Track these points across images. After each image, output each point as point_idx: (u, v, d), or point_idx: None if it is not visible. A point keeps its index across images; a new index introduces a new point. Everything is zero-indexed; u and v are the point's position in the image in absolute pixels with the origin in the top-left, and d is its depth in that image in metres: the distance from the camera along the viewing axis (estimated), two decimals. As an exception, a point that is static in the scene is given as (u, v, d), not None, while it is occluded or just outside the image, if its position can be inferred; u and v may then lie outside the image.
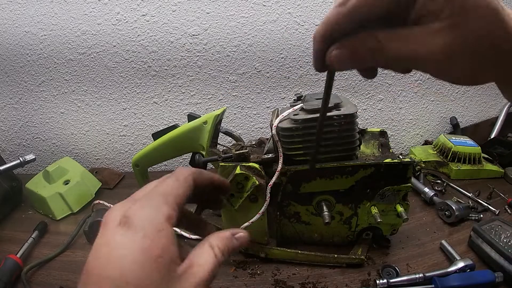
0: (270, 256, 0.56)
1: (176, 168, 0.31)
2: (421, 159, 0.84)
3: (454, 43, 0.22)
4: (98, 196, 0.79)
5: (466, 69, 0.23)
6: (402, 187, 0.51)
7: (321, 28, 0.25)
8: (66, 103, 0.88)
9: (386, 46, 0.23)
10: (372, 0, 0.22)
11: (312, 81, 0.88)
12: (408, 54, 0.23)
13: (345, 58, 0.24)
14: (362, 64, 0.26)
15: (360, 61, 0.25)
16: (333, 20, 0.24)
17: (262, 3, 0.80)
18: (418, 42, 0.23)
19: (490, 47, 0.22)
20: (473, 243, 0.56)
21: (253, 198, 0.51)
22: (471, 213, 0.65)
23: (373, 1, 0.22)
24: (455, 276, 0.48)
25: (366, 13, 0.23)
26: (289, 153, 0.50)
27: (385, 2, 0.22)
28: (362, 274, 0.53)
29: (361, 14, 0.23)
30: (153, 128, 0.90)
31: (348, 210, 0.54)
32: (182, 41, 0.82)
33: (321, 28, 0.24)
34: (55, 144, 0.94)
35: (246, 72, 0.86)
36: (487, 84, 0.37)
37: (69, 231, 0.65)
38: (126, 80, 0.86)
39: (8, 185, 0.73)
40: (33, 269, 0.56)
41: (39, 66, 0.84)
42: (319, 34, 0.25)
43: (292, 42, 0.84)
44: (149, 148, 0.64)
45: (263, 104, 0.90)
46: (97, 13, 0.79)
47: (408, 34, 0.23)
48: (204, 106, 0.89)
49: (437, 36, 0.22)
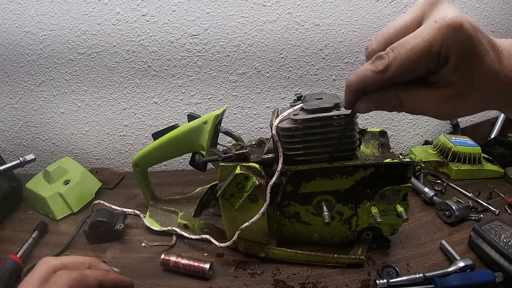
0: (270, 256, 0.56)
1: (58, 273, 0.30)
2: (421, 159, 0.84)
3: (458, 108, 0.29)
4: (98, 196, 0.79)
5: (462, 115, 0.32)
6: (402, 187, 0.51)
7: (355, 82, 0.30)
8: (66, 103, 0.88)
9: (405, 103, 0.30)
10: (406, 74, 0.28)
11: (312, 81, 0.88)
12: (420, 110, 0.30)
13: (371, 108, 0.31)
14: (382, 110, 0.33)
15: (381, 110, 0.32)
16: (368, 82, 0.29)
17: (262, 3, 0.80)
18: (430, 103, 0.29)
19: (488, 106, 0.30)
20: (473, 243, 0.56)
21: (253, 198, 0.51)
22: (471, 213, 0.65)
23: (407, 74, 0.28)
24: (455, 276, 0.48)
25: (398, 81, 0.29)
26: (289, 153, 0.50)
27: (416, 73, 0.28)
28: (362, 274, 0.53)
29: (394, 81, 0.29)
30: (153, 128, 0.90)
31: (348, 210, 0.54)
32: (182, 41, 0.82)
33: (356, 82, 0.30)
34: (55, 144, 0.94)
35: (246, 72, 0.86)
36: None
37: (69, 231, 0.65)
38: (126, 80, 0.86)
39: (8, 185, 0.73)
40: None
41: (39, 66, 0.84)
42: (353, 88, 0.30)
43: (292, 42, 0.84)
44: (149, 148, 0.64)
45: (263, 104, 0.90)
46: (97, 13, 0.79)
47: (424, 96, 0.29)
48: (204, 106, 0.89)
49: (446, 102, 0.28)
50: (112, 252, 0.61)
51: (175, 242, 0.62)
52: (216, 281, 0.53)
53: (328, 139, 0.48)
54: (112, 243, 0.63)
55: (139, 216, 0.68)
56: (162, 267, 0.55)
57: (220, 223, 0.59)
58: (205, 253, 0.60)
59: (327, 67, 0.87)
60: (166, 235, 0.64)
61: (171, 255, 0.55)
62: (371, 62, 0.29)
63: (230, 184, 0.51)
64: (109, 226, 0.62)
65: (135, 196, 0.79)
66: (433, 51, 0.26)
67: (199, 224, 0.61)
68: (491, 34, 0.28)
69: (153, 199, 0.71)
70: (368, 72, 0.29)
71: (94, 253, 0.61)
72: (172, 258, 0.55)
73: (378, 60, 0.28)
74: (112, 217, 0.63)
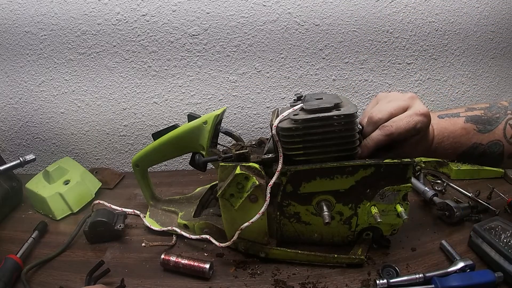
0: (270, 256, 0.56)
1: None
2: (421, 159, 0.84)
3: (414, 154, 0.53)
4: (98, 196, 0.79)
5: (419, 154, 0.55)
6: (402, 187, 0.51)
7: (373, 145, 0.49)
8: (66, 103, 0.88)
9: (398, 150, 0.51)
10: (399, 137, 0.48)
11: (312, 81, 0.88)
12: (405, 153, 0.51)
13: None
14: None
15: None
16: (381, 142, 0.49)
17: (262, 3, 0.80)
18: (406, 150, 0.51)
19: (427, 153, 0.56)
20: (473, 243, 0.55)
21: (253, 198, 0.51)
22: (471, 213, 0.65)
23: (400, 137, 0.48)
24: (455, 276, 0.48)
25: (395, 140, 0.49)
26: (289, 153, 0.50)
27: (403, 137, 0.48)
28: (362, 274, 0.53)
29: (394, 140, 0.49)
30: (153, 128, 0.90)
31: (348, 210, 0.54)
32: (182, 41, 0.82)
33: (373, 144, 0.49)
34: (55, 144, 0.94)
35: (246, 72, 0.86)
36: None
37: (69, 231, 0.65)
38: (126, 80, 0.86)
39: (8, 185, 0.73)
40: (33, 269, 0.55)
41: (39, 66, 0.84)
42: (371, 148, 0.50)
43: (292, 42, 0.84)
44: (149, 148, 0.64)
45: (263, 104, 0.90)
46: (97, 13, 0.79)
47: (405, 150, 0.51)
48: (204, 106, 0.89)
49: (413, 151, 0.52)
50: (112, 252, 0.61)
51: (175, 242, 0.62)
52: (216, 281, 0.53)
53: (328, 139, 0.48)
54: (112, 243, 0.63)
55: (139, 216, 0.68)
56: (162, 267, 0.55)
57: (220, 223, 0.59)
58: (205, 253, 0.60)
59: (327, 67, 0.87)
60: (166, 235, 0.64)
61: (171, 255, 0.55)
62: (380, 129, 0.48)
63: (230, 184, 0.51)
64: (109, 226, 0.62)
65: (135, 196, 0.79)
66: (417, 126, 0.47)
67: (199, 224, 0.61)
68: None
69: (153, 199, 0.71)
70: (380, 137, 0.48)
71: (94, 253, 0.61)
72: (172, 258, 0.55)
73: (385, 127, 0.48)
74: (112, 217, 0.63)
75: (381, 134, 0.48)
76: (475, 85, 0.95)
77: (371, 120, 0.49)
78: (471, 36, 0.89)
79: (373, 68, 0.89)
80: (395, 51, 0.88)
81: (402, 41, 0.87)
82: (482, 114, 0.54)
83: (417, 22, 0.85)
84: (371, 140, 0.49)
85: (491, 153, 0.54)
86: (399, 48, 0.87)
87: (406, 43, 0.87)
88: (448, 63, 0.91)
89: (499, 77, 0.95)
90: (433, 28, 0.86)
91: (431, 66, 0.91)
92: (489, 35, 0.89)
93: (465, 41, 0.89)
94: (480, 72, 0.94)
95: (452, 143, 0.54)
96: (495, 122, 0.54)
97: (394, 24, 0.85)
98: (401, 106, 0.49)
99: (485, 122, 0.54)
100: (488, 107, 0.55)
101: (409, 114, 0.48)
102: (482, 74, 0.94)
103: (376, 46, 0.86)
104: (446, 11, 0.85)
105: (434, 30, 0.87)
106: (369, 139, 0.49)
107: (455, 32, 0.88)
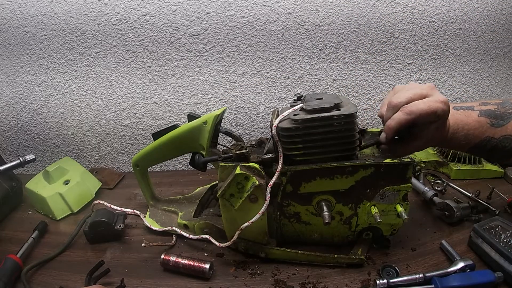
0: (270, 256, 0.56)
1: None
2: (421, 159, 0.84)
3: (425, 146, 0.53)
4: (98, 196, 0.79)
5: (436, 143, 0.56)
6: (402, 187, 0.51)
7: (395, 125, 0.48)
8: (66, 103, 0.88)
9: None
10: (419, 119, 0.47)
11: (312, 81, 0.88)
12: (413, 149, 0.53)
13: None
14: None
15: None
16: (403, 122, 0.47)
17: (262, 3, 0.80)
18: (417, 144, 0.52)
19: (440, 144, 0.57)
20: (473, 243, 0.56)
21: (253, 198, 0.51)
22: (471, 213, 0.65)
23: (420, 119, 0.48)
24: (455, 276, 0.48)
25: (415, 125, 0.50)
26: (289, 153, 0.50)
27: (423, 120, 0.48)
28: (362, 274, 0.53)
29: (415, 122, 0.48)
30: (153, 128, 0.90)
31: (348, 210, 0.54)
32: (182, 41, 0.82)
33: (394, 125, 0.48)
34: (55, 144, 0.94)
35: (246, 72, 0.86)
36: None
37: (69, 231, 0.65)
38: (126, 80, 0.86)
39: (8, 185, 0.73)
40: (33, 269, 0.56)
41: (39, 66, 0.84)
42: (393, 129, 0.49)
43: (292, 42, 0.84)
44: (149, 148, 0.64)
45: (263, 104, 0.90)
46: (97, 13, 0.79)
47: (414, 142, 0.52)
48: (204, 106, 0.89)
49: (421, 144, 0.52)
50: (112, 252, 0.61)
51: (175, 242, 0.62)
52: (216, 281, 0.53)
53: (328, 139, 0.48)
54: (112, 243, 0.63)
55: (139, 216, 0.68)
56: (162, 267, 0.55)
57: (220, 223, 0.59)
58: (205, 253, 0.60)
59: (327, 67, 0.87)
60: (166, 235, 0.64)
61: (171, 255, 0.55)
62: (401, 110, 0.47)
63: (230, 184, 0.51)
64: (109, 226, 0.62)
65: (135, 196, 0.79)
66: (437, 112, 0.47)
67: (199, 224, 0.61)
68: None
69: (153, 199, 0.71)
70: (402, 116, 0.47)
71: (94, 253, 0.61)
72: (172, 258, 0.55)
73: (406, 107, 0.47)
74: (112, 217, 0.63)
75: (403, 113, 0.47)
76: (475, 85, 0.95)
77: (391, 104, 0.49)
78: (471, 36, 0.89)
79: (373, 68, 0.89)
80: (395, 51, 0.88)
81: (402, 41, 0.87)
82: (496, 109, 0.56)
83: (417, 22, 0.85)
84: (393, 120, 0.48)
85: (502, 147, 0.55)
86: (399, 48, 0.87)
87: (406, 43, 0.87)
88: (448, 63, 0.91)
89: (499, 77, 0.95)
90: (433, 28, 0.87)
91: (431, 66, 0.91)
92: (489, 35, 0.89)
93: (465, 41, 0.89)
94: (480, 72, 0.94)
95: (466, 135, 0.54)
96: (508, 118, 0.55)
97: (394, 24, 0.85)
98: (420, 93, 0.48)
99: (498, 117, 0.55)
100: (501, 103, 0.57)
101: (429, 99, 0.47)
102: (482, 74, 0.94)
103: (376, 46, 0.86)
104: (446, 11, 0.85)
105: (434, 30, 0.87)
106: (391, 120, 0.48)
107: (455, 32, 0.88)
